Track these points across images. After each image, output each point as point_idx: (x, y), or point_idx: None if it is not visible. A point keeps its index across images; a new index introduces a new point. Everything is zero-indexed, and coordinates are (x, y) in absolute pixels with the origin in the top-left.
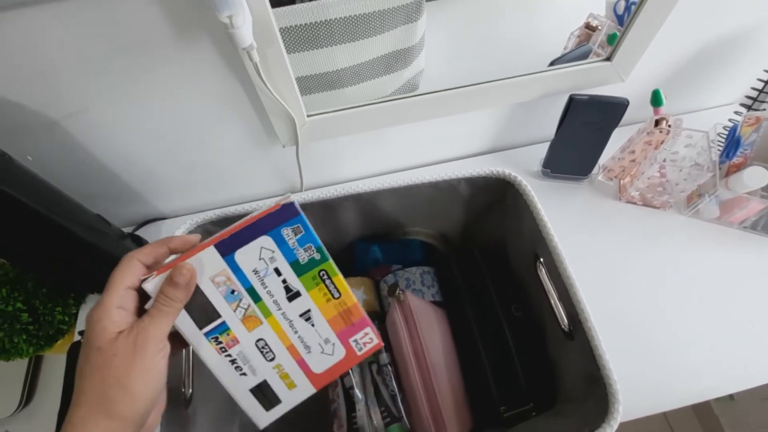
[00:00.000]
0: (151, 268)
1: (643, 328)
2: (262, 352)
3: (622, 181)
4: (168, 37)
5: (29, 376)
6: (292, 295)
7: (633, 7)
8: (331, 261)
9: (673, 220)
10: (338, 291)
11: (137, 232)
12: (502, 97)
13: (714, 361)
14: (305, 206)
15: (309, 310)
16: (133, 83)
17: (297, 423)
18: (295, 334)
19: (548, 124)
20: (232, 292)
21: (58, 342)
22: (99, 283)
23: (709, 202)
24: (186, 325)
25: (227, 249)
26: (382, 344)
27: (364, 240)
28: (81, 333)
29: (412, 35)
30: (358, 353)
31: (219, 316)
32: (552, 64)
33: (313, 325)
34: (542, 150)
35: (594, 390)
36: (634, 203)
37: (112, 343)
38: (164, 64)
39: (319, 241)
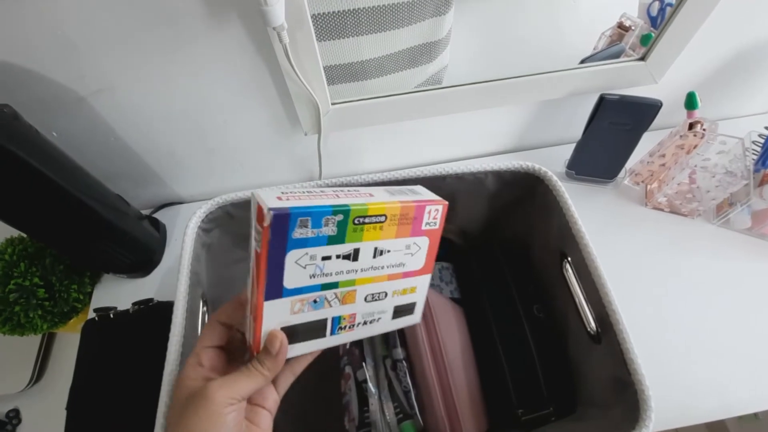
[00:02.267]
0: (230, 323)
1: (667, 338)
2: (376, 300)
3: (649, 187)
4: (199, 13)
5: (41, 353)
6: (353, 255)
7: (668, 9)
8: (352, 207)
9: (702, 229)
10: (380, 215)
11: (155, 215)
12: (530, 93)
13: (741, 376)
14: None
15: (375, 248)
16: (161, 61)
17: (308, 415)
18: (383, 269)
19: (574, 125)
20: (315, 301)
21: (72, 320)
22: (115, 264)
23: (740, 211)
24: (312, 346)
25: (275, 290)
26: (446, 203)
27: None
28: (96, 311)
29: (439, 29)
30: (437, 227)
31: (324, 320)
32: (582, 63)
33: (389, 251)
34: (567, 151)
35: (623, 396)
36: (661, 210)
37: (190, 393)
38: (193, 42)
39: (330, 207)
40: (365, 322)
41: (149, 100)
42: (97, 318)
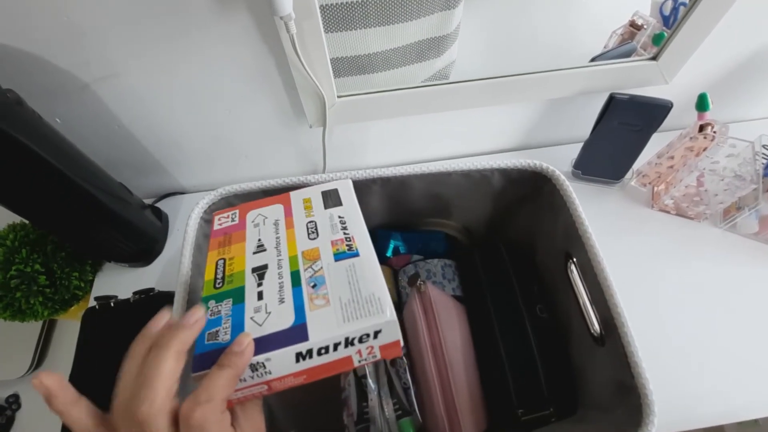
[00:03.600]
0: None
1: (669, 341)
2: None
3: (656, 188)
4: (206, 1)
5: (42, 339)
6: None
7: (681, 8)
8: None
9: (708, 233)
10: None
11: (157, 204)
12: (538, 91)
13: (744, 382)
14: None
15: None
16: (167, 49)
17: (307, 409)
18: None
19: (582, 124)
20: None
21: (73, 307)
22: (116, 252)
23: (748, 216)
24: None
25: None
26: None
27: (386, 227)
28: (96, 299)
29: (447, 23)
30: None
31: None
32: (592, 61)
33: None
34: (573, 150)
35: (625, 399)
36: (667, 212)
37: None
38: (200, 30)
39: None
40: None
41: (154, 88)
42: (97, 306)
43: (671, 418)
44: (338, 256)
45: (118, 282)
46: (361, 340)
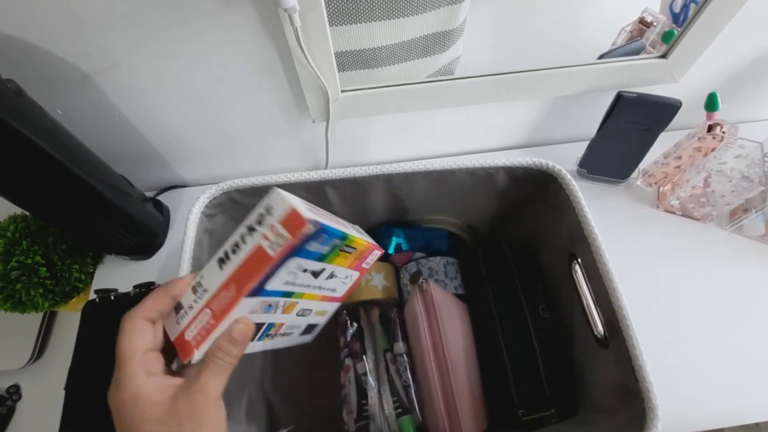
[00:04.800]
0: (157, 322)
1: (674, 343)
2: (302, 315)
3: (662, 189)
4: None
5: (42, 331)
6: (317, 273)
7: (692, 6)
8: (350, 236)
9: (713, 234)
10: (352, 247)
11: (159, 198)
12: (545, 88)
13: (747, 385)
14: (335, 183)
15: (332, 272)
16: (169, 41)
17: (306, 405)
18: (323, 290)
19: (588, 123)
20: (269, 306)
21: (73, 299)
22: (117, 245)
23: (755, 218)
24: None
25: (257, 290)
26: (383, 250)
27: (388, 224)
28: (96, 292)
29: (454, 18)
30: (368, 267)
31: (261, 325)
32: (600, 58)
33: (336, 276)
34: (579, 149)
35: (628, 402)
36: (673, 213)
37: (169, 415)
38: (202, 21)
39: (341, 233)
40: (284, 334)
41: (156, 80)
42: (97, 299)
43: (673, 421)
44: None
45: (118, 275)
46: (260, 222)
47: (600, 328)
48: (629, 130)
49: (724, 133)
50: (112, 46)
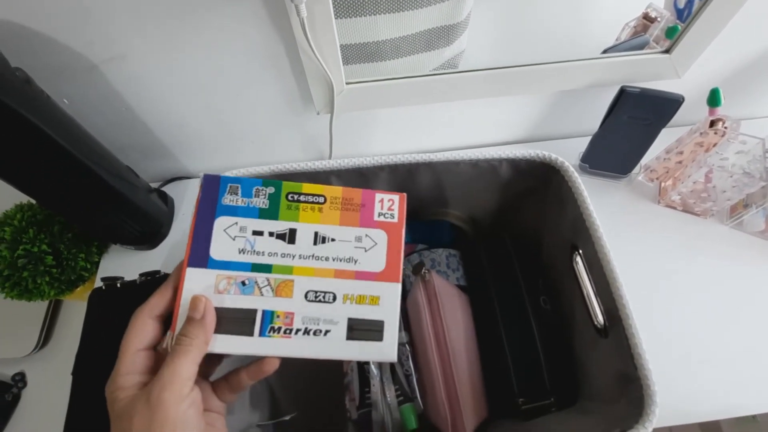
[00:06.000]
0: (163, 316)
1: (672, 337)
2: (320, 301)
3: (663, 184)
4: None
5: (48, 319)
6: (289, 236)
7: (696, 2)
8: (285, 182)
9: (714, 230)
10: (318, 195)
11: (163, 188)
12: (548, 83)
13: (744, 379)
14: (340, 173)
15: (316, 233)
16: (175, 30)
17: (309, 393)
18: (328, 261)
19: (591, 118)
20: (243, 283)
21: (79, 288)
22: (123, 235)
23: (755, 213)
24: (238, 346)
25: (200, 258)
26: (404, 195)
27: None
28: (103, 280)
29: (458, 11)
30: (396, 221)
31: (254, 311)
32: (604, 53)
33: (333, 239)
34: (581, 144)
35: (627, 391)
36: (674, 208)
37: (127, 408)
38: (208, 11)
39: (260, 179)
40: (307, 331)
41: (161, 71)
42: (104, 287)
43: (670, 412)
44: None
45: (123, 264)
46: None
47: (600, 318)
48: (632, 125)
49: (726, 128)
50: (119, 36)
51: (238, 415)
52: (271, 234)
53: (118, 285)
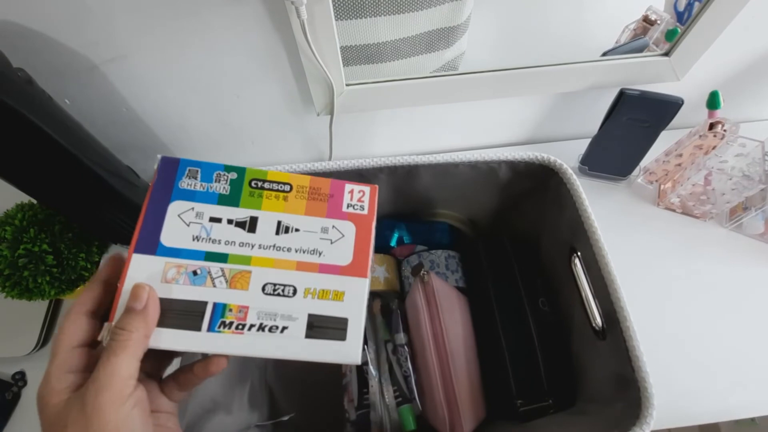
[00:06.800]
0: (98, 312)
1: (671, 339)
2: (279, 295)
3: (662, 186)
4: None
5: (48, 319)
6: (249, 224)
7: (696, 5)
8: (249, 168)
9: (713, 232)
10: (284, 183)
11: None
12: (548, 85)
13: (742, 381)
14: (339, 174)
15: (279, 222)
16: (176, 31)
17: (307, 394)
18: (290, 252)
19: (590, 120)
20: (195, 273)
21: (79, 288)
22: (123, 235)
23: (754, 216)
24: (183, 342)
25: (149, 244)
26: (376, 186)
27: (390, 217)
28: None
29: (458, 14)
30: (366, 213)
31: (204, 303)
32: (603, 56)
33: (297, 229)
34: (581, 146)
35: (624, 392)
36: (673, 210)
37: (60, 415)
38: (209, 12)
39: (221, 164)
40: (262, 327)
41: (162, 71)
42: None
43: (669, 414)
44: None
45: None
46: None
47: (598, 320)
48: (631, 127)
49: (725, 131)
50: (120, 37)
51: (236, 416)
52: (229, 221)
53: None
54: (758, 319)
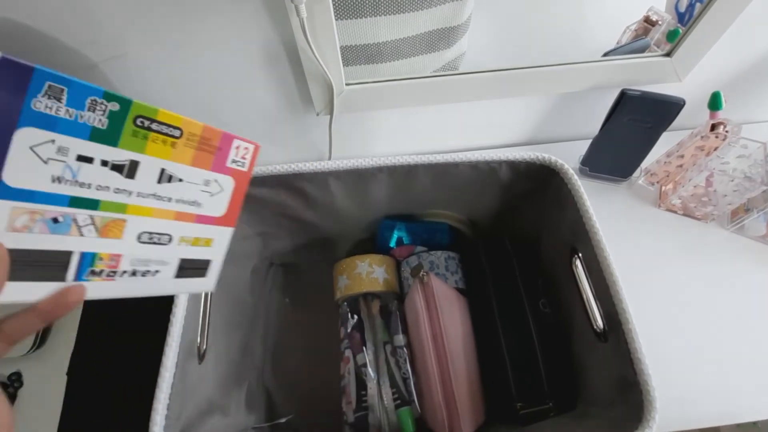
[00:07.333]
0: None
1: (672, 342)
2: (154, 243)
3: (663, 188)
4: None
5: None
6: (128, 169)
7: (697, 5)
8: (137, 101)
9: (714, 234)
10: (174, 127)
11: None
12: (549, 85)
13: (744, 384)
14: (338, 174)
15: (163, 170)
16: (175, 30)
17: (305, 395)
18: (170, 202)
19: (591, 121)
20: (55, 220)
21: None
22: None
23: (756, 218)
24: (43, 292)
25: None
26: (260, 145)
27: (390, 218)
28: None
29: (459, 14)
30: (246, 170)
31: (68, 253)
32: (604, 56)
33: (181, 180)
34: (581, 147)
35: (626, 395)
36: (674, 212)
37: None
38: (209, 11)
39: (101, 88)
40: (135, 273)
41: (161, 70)
42: None
43: (670, 417)
44: None
45: None
46: None
47: (599, 322)
48: (632, 128)
49: (727, 132)
50: (120, 35)
51: (233, 418)
52: (104, 163)
53: None
54: (760, 322)
